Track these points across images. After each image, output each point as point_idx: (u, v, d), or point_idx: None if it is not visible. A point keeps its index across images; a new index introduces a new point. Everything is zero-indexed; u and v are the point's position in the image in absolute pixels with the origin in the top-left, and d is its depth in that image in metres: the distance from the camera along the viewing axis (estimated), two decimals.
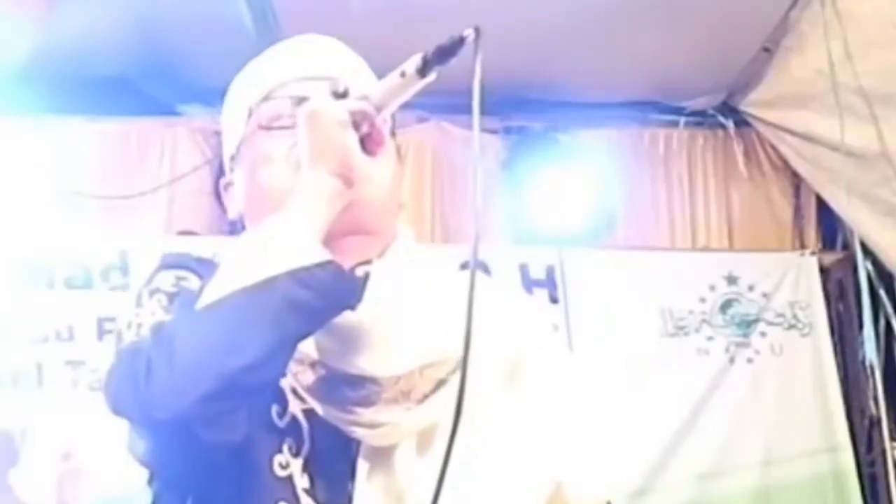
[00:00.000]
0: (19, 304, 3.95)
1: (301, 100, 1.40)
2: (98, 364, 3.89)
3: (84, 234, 4.10)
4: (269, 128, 1.45)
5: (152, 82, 4.31)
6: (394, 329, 1.35)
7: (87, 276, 4.06)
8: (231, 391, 1.21)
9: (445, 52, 1.28)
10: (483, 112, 1.26)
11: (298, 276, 1.23)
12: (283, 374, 1.31)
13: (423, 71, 1.30)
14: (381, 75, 1.38)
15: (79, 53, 3.97)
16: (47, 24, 3.81)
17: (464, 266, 4.23)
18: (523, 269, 4.35)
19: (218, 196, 1.74)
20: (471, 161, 1.32)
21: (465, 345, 1.20)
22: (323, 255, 1.26)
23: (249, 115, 1.48)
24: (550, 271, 4.38)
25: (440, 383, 1.36)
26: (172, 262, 1.44)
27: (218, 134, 1.61)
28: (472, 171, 1.31)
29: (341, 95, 1.34)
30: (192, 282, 1.37)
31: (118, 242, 4.11)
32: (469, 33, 1.26)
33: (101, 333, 3.93)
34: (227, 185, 1.54)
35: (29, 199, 4.07)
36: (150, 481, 1.40)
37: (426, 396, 1.36)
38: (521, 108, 4.48)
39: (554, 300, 4.34)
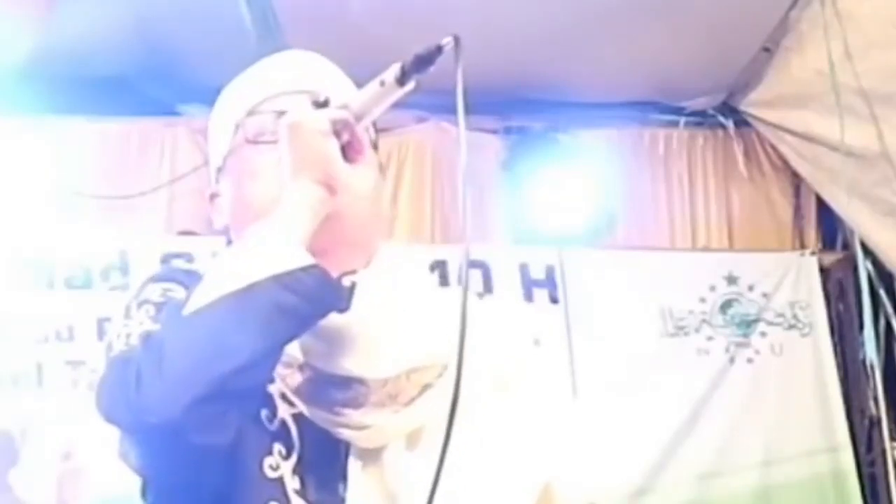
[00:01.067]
0: (19, 304, 3.95)
1: (284, 114, 1.41)
2: (98, 364, 3.88)
3: (84, 234, 4.10)
4: (255, 142, 1.47)
5: (152, 82, 4.31)
6: (381, 332, 1.37)
7: (87, 276, 4.06)
8: (221, 395, 1.23)
9: (423, 61, 1.29)
10: (483, 112, 1.27)
11: (283, 281, 1.25)
12: (272, 378, 1.33)
13: (401, 80, 1.31)
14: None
15: (79, 53, 3.96)
16: (47, 24, 3.81)
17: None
18: (523, 269, 4.36)
19: None
20: (459, 169, 1.33)
21: (460, 347, 1.22)
22: (307, 259, 1.28)
23: (236, 129, 1.50)
24: (550, 271, 4.38)
25: (426, 387, 1.38)
26: (161, 276, 1.45)
27: None
28: (461, 178, 1.32)
29: (322, 104, 1.35)
30: (179, 293, 1.38)
31: (118, 242, 4.11)
32: (447, 42, 1.27)
33: (101, 333, 3.93)
34: (213, 195, 1.56)
35: (29, 199, 4.07)
36: (143, 493, 1.41)
37: (412, 400, 1.37)
38: (521, 108, 4.48)
39: (554, 300, 4.34)
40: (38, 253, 4.04)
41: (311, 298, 1.27)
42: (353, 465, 1.37)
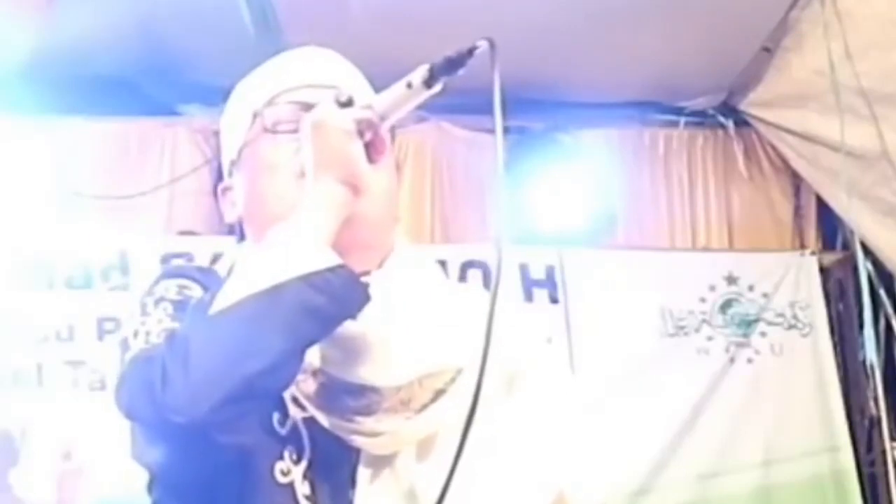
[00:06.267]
0: (19, 304, 3.95)
1: (306, 106, 1.42)
2: (98, 364, 3.89)
3: (84, 234, 4.10)
4: (273, 131, 1.46)
5: (152, 82, 4.31)
6: (394, 339, 1.36)
7: (87, 276, 4.06)
8: (247, 395, 1.23)
9: (454, 64, 1.29)
10: (483, 112, 1.27)
11: (311, 281, 1.24)
12: (294, 379, 1.32)
13: (429, 82, 1.31)
14: (379, 74, 1.38)
15: (79, 53, 3.96)
16: (47, 24, 3.80)
17: (465, 266, 4.17)
18: (523, 269, 4.35)
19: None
20: (496, 182, 1.34)
21: (484, 352, 1.22)
22: (334, 259, 1.28)
23: (254, 118, 1.49)
24: (550, 271, 4.38)
25: (439, 393, 1.37)
26: (173, 272, 1.45)
27: (218, 134, 1.61)
28: (498, 182, 1.32)
29: (346, 104, 1.35)
30: (195, 290, 1.38)
31: (118, 242, 4.11)
32: (481, 45, 1.27)
33: (101, 333, 3.93)
34: (226, 189, 1.55)
35: (29, 199, 4.06)
36: (149, 487, 1.41)
37: (425, 406, 1.37)
38: (521, 108, 4.46)
39: (554, 300, 4.34)
40: (38, 253, 4.04)
41: (339, 299, 1.26)
42: (363, 472, 1.37)
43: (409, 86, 1.32)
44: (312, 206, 1.32)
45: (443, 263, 4.10)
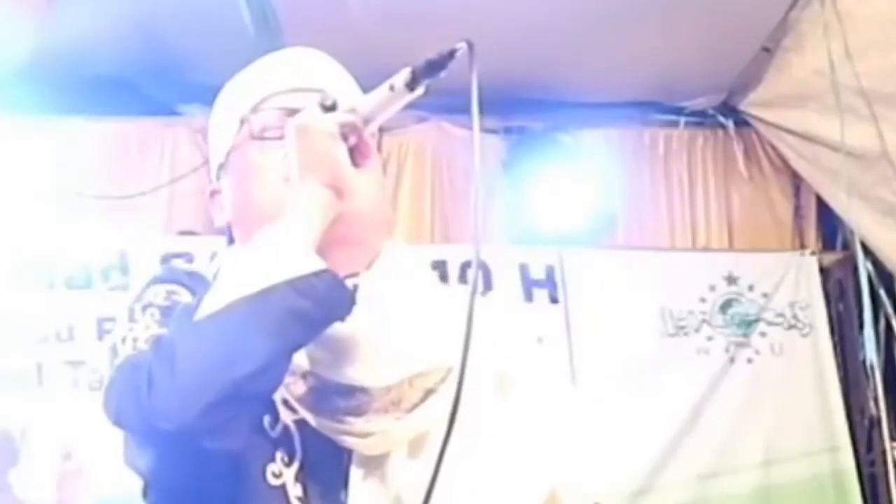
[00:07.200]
0: (19, 304, 3.95)
1: (291, 111, 1.42)
2: (98, 364, 3.89)
3: (84, 234, 4.10)
4: (260, 138, 1.46)
5: (152, 82, 4.31)
6: (383, 339, 1.36)
7: (87, 276, 4.06)
8: (234, 400, 1.23)
9: (435, 66, 1.29)
10: (483, 112, 1.27)
11: (296, 286, 1.25)
12: (282, 383, 1.32)
13: (412, 85, 1.31)
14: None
15: (79, 53, 3.96)
16: (47, 24, 3.81)
17: (465, 266, 4.19)
18: (523, 269, 4.36)
19: None
20: (473, 177, 1.34)
21: (464, 350, 1.22)
22: (319, 264, 1.28)
23: (241, 124, 1.49)
24: (550, 271, 4.38)
25: (429, 393, 1.37)
26: (163, 277, 1.44)
27: None
28: (474, 186, 1.32)
29: (330, 108, 1.35)
30: (184, 296, 1.38)
31: (118, 242, 4.11)
32: (460, 47, 1.27)
33: (101, 333, 3.92)
34: (214, 192, 1.55)
35: (29, 199, 4.06)
36: (144, 493, 1.41)
37: (415, 406, 1.37)
38: (521, 108, 4.48)
39: (554, 300, 4.34)
40: (38, 253, 4.04)
41: (324, 303, 1.27)
42: (355, 473, 1.37)
43: (392, 88, 1.32)
44: (297, 209, 1.32)
45: (442, 263, 4.10)
